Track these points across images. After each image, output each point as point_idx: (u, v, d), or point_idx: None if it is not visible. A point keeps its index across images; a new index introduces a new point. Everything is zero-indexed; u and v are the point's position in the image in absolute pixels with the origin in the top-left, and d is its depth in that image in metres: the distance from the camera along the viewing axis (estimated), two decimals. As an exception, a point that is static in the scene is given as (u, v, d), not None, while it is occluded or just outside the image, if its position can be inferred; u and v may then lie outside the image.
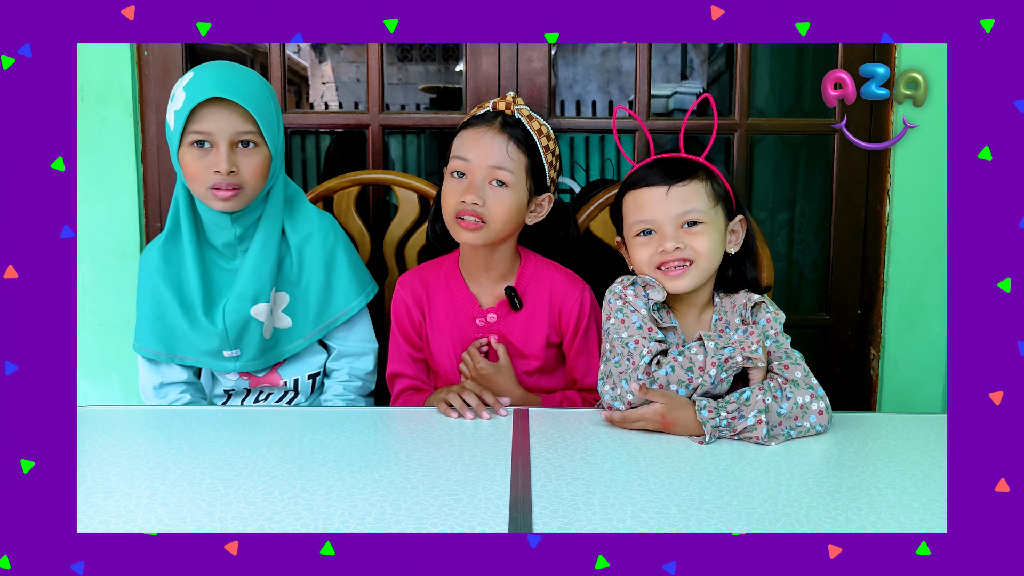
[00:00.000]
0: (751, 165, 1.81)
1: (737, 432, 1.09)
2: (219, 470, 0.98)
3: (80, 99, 1.72)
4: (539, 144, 1.38)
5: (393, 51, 6.63)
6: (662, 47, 6.27)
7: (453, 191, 1.35)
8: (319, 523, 0.84)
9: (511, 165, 1.34)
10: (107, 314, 1.77)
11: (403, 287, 1.45)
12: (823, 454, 1.07)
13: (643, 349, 1.17)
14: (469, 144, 1.35)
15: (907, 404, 1.81)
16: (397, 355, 1.46)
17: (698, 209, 1.21)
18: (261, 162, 1.34)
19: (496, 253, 1.40)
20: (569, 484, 0.95)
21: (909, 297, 1.79)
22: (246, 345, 1.41)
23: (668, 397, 1.12)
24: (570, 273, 1.45)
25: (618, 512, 0.87)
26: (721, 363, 1.14)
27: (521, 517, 0.86)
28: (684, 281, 1.21)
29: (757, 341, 1.15)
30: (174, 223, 1.42)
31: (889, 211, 1.78)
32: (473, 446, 1.08)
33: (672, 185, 1.21)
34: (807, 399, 1.12)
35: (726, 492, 0.93)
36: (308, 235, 1.44)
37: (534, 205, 1.40)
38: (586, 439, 1.11)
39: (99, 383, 1.79)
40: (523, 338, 1.41)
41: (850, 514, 0.87)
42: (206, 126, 1.30)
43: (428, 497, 0.91)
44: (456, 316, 1.42)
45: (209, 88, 1.29)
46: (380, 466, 1.00)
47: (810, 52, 2.64)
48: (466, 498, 0.90)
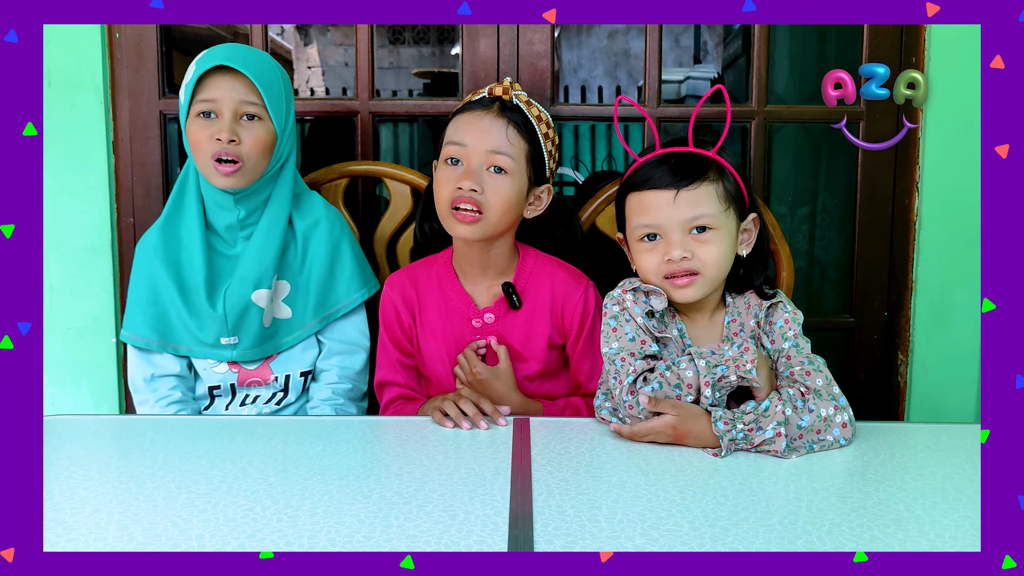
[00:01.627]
0: (769, 155, 1.81)
1: (755, 445, 1.09)
2: (197, 484, 0.98)
3: (47, 85, 1.72)
4: (539, 131, 1.39)
5: (384, 33, 6.63)
6: (674, 28, 6.26)
7: (447, 179, 1.35)
8: (304, 541, 0.84)
9: (511, 150, 1.34)
10: (77, 315, 1.77)
11: (392, 288, 1.46)
12: (847, 467, 1.07)
13: (629, 368, 1.17)
14: (465, 128, 1.36)
15: (937, 413, 1.81)
16: (386, 362, 1.46)
17: (708, 214, 1.20)
18: (264, 136, 1.41)
19: (493, 249, 1.40)
20: (573, 499, 0.95)
21: (940, 297, 1.79)
22: (244, 332, 1.45)
23: (680, 408, 1.12)
24: (572, 269, 1.45)
25: (626, 530, 0.87)
26: (714, 382, 1.14)
27: (522, 535, 0.86)
28: (691, 291, 1.21)
29: (752, 360, 1.14)
30: (175, 205, 1.48)
31: (918, 204, 1.78)
32: (470, 458, 1.08)
33: (680, 189, 1.19)
34: (830, 411, 1.12)
35: (742, 508, 0.93)
36: (315, 223, 1.50)
37: (533, 197, 1.40)
38: (591, 451, 1.11)
39: (67, 390, 1.79)
40: (523, 340, 1.41)
41: (876, 532, 0.87)
42: (211, 94, 1.40)
43: (422, 513, 0.91)
44: (450, 318, 1.42)
45: (216, 58, 1.39)
46: (370, 480, 1.00)
47: (833, 34, 2.64)
48: (463, 514, 0.90)
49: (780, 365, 1.20)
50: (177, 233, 1.47)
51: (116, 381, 1.79)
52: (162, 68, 1.76)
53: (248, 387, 1.52)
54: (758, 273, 1.27)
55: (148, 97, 1.76)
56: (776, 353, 1.22)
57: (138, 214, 1.77)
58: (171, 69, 1.83)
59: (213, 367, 1.50)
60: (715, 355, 1.16)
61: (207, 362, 1.49)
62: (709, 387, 1.14)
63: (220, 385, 1.51)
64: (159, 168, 1.77)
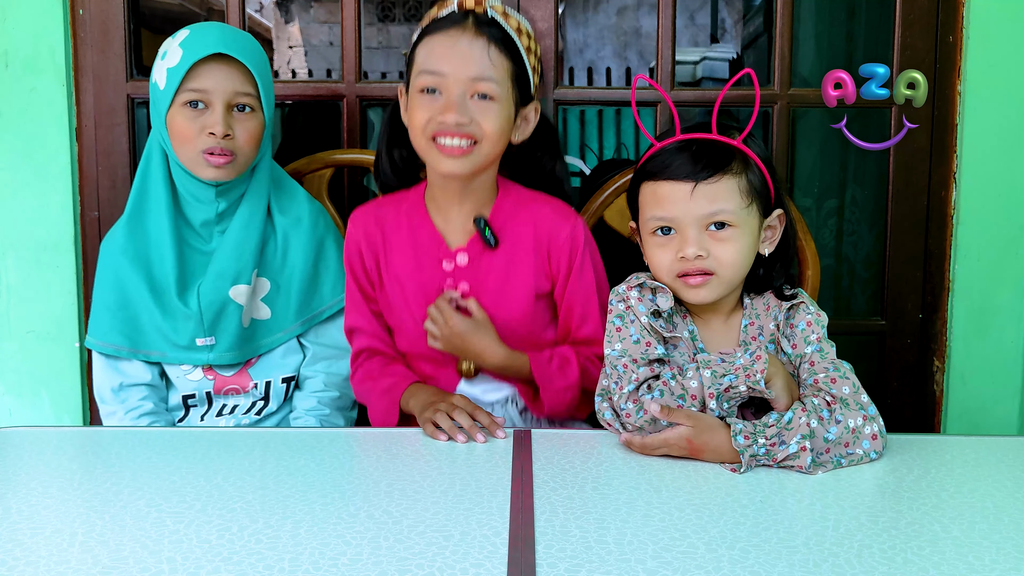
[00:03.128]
0: (793, 143, 1.81)
1: (778, 460, 1.09)
2: (167, 502, 0.98)
3: (3, 66, 1.72)
4: (520, 46, 1.34)
5: (372, 10, 6.64)
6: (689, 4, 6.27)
7: (424, 108, 1.31)
8: (285, 564, 0.84)
9: (495, 73, 1.30)
10: (36, 319, 1.77)
11: (355, 225, 1.43)
12: (877, 483, 1.07)
13: (631, 375, 1.18)
14: (441, 53, 1.31)
15: (976, 425, 1.81)
16: (353, 306, 1.45)
17: (728, 210, 1.20)
18: (256, 129, 1.43)
19: (474, 182, 1.37)
20: (579, 519, 0.95)
21: (980, 299, 1.79)
22: (222, 332, 1.45)
23: (696, 418, 1.12)
24: (557, 202, 1.41)
25: (636, 552, 0.87)
26: (719, 393, 1.14)
27: (522, 558, 0.86)
28: (704, 292, 1.21)
29: (762, 370, 1.14)
30: (139, 198, 1.47)
31: (956, 197, 1.78)
32: (466, 474, 1.08)
33: (699, 182, 1.19)
34: (859, 421, 1.12)
35: (763, 528, 0.93)
36: (297, 219, 1.50)
37: (520, 119, 1.37)
38: (599, 465, 1.11)
39: (26, 400, 1.79)
40: (501, 286, 1.37)
41: (909, 554, 0.88)
42: (203, 84, 1.38)
43: (413, 534, 0.91)
44: (418, 260, 1.39)
45: (212, 44, 1.38)
46: (357, 497, 1.00)
47: (863, 9, 2.65)
48: (458, 535, 0.90)
49: (803, 372, 1.20)
50: (144, 229, 1.46)
51: (79, 391, 1.79)
52: (130, 48, 1.76)
53: (225, 396, 1.52)
54: (779, 274, 1.27)
55: (115, 80, 1.76)
56: (798, 358, 1.22)
57: (103, 208, 1.77)
58: (140, 49, 1.83)
59: (187, 374, 1.50)
60: (724, 363, 1.16)
61: (181, 368, 1.49)
62: (714, 399, 1.14)
63: (195, 394, 1.51)
64: (126, 158, 1.77)
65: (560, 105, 1.81)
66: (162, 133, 1.43)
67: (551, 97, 1.77)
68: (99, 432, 1.29)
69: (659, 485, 1.05)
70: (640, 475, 1.08)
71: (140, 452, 1.15)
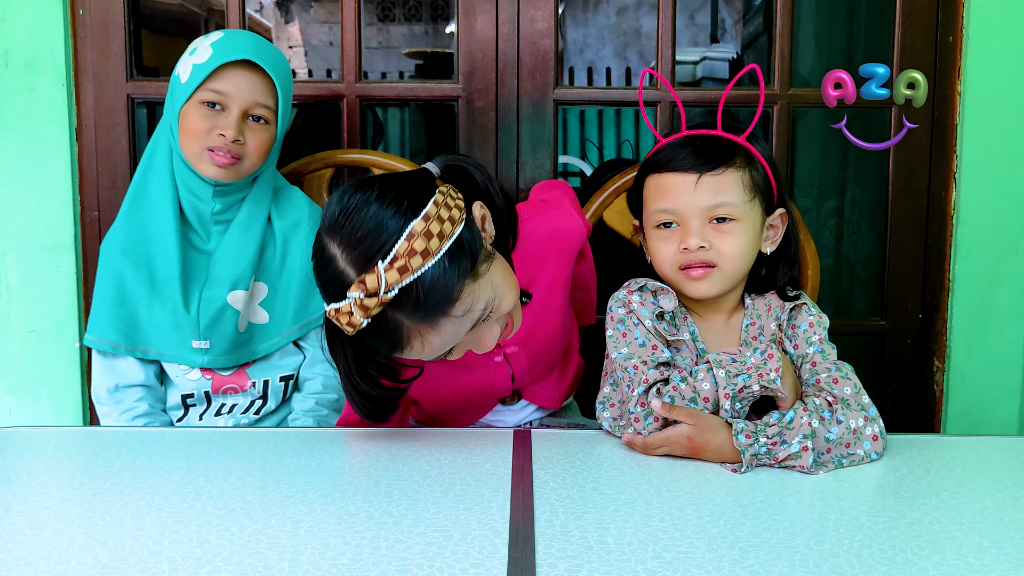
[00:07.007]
0: (793, 144, 1.81)
1: (779, 460, 1.09)
2: (167, 502, 0.98)
3: (3, 66, 1.72)
4: None
5: (372, 10, 6.64)
6: (689, 4, 6.27)
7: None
8: (285, 564, 0.84)
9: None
10: (37, 319, 1.77)
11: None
12: (878, 483, 1.07)
13: (641, 376, 1.17)
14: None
15: (977, 425, 1.81)
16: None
17: (731, 203, 1.20)
18: (267, 141, 1.45)
19: None
20: (579, 519, 0.95)
21: (980, 299, 1.79)
22: (217, 337, 1.46)
23: (697, 417, 1.12)
24: (548, 212, 1.33)
25: (636, 552, 0.87)
26: (734, 393, 1.14)
27: (522, 557, 0.86)
28: (706, 285, 1.21)
29: (777, 368, 1.14)
30: (138, 193, 1.48)
31: (956, 198, 1.78)
32: (466, 473, 1.08)
33: (703, 174, 1.20)
34: (860, 422, 1.12)
35: (764, 528, 0.93)
36: (296, 223, 1.51)
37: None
38: (599, 465, 1.11)
39: (26, 400, 1.79)
40: (536, 317, 1.31)
41: (909, 554, 0.88)
42: (225, 87, 1.41)
43: (413, 534, 0.91)
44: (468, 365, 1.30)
45: (242, 50, 1.40)
46: (357, 497, 1.00)
47: (863, 10, 2.65)
48: (458, 535, 0.90)
49: (804, 372, 1.20)
50: (144, 223, 1.46)
51: (80, 390, 1.79)
52: (130, 48, 1.76)
53: (224, 395, 1.52)
54: (783, 275, 1.27)
55: (115, 80, 1.76)
56: (800, 359, 1.22)
57: (103, 208, 1.77)
58: (139, 49, 1.83)
59: (186, 373, 1.50)
60: (736, 363, 1.16)
61: (179, 368, 1.49)
62: (729, 399, 1.14)
63: (194, 393, 1.51)
64: (126, 158, 1.77)
65: (560, 105, 1.81)
66: (172, 124, 1.44)
67: (551, 97, 1.78)
68: (99, 432, 1.29)
69: (659, 485, 1.05)
70: (640, 475, 1.08)
71: (140, 452, 1.15)
